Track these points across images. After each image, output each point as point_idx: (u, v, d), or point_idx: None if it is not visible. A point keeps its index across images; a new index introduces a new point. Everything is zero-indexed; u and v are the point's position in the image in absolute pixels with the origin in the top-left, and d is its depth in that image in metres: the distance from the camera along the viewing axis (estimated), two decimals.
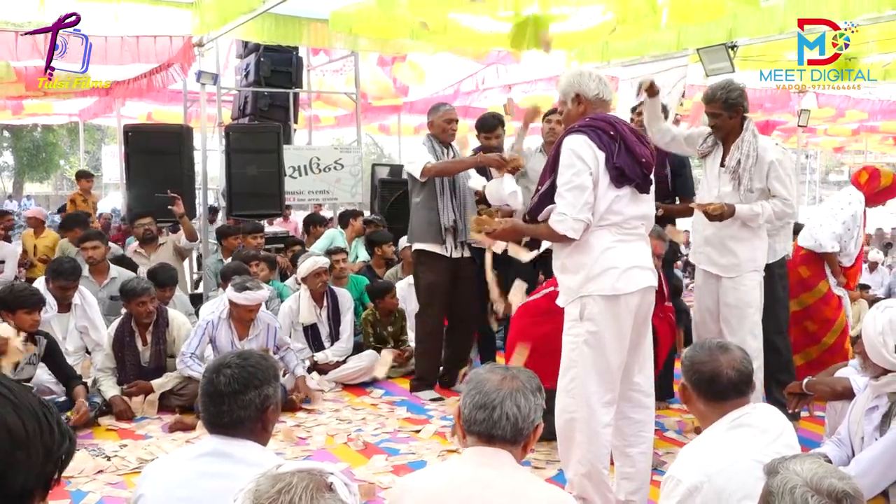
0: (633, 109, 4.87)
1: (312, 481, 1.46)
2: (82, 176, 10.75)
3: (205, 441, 2.19)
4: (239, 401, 2.11)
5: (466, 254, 5.31)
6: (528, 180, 5.05)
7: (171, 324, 5.22)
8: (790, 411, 3.71)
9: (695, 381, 2.37)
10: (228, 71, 10.44)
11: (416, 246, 5.34)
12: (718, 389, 2.35)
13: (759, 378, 4.02)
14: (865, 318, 2.97)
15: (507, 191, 4.75)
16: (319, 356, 5.68)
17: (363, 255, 7.68)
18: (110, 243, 6.90)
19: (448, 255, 5.23)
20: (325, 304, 5.83)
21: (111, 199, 23.12)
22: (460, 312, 5.40)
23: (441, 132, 5.28)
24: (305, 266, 5.73)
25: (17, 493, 1.19)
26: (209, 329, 5.02)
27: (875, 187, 5.06)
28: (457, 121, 5.36)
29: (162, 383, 5.04)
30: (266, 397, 2.16)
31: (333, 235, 7.74)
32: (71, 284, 5.30)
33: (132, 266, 6.60)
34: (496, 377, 2.04)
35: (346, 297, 6.01)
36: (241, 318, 5.01)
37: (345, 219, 8.15)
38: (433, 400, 5.27)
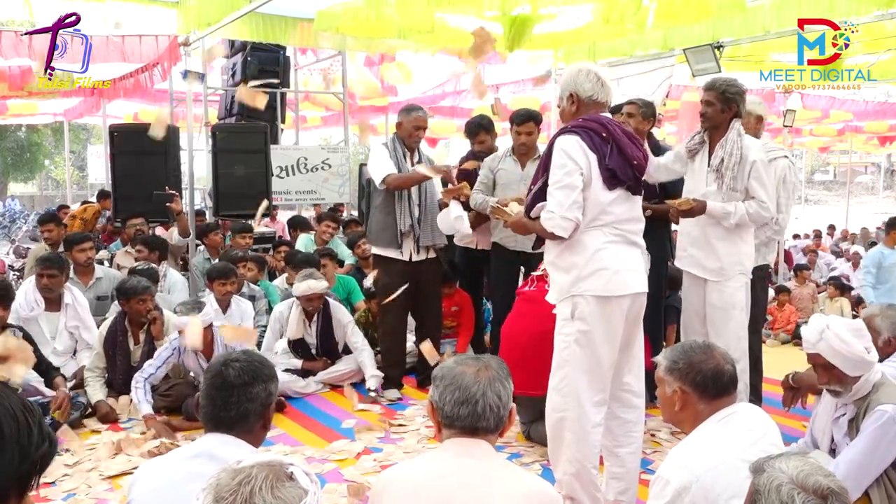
0: (618, 110, 4.83)
1: (272, 472, 1.49)
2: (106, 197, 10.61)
3: (199, 441, 2.19)
4: (248, 393, 2.16)
5: (429, 255, 5.36)
6: (503, 184, 5.08)
7: (166, 324, 5.18)
8: (786, 408, 3.74)
9: (698, 381, 2.36)
10: (215, 70, 10.38)
11: (373, 250, 5.43)
12: (721, 385, 2.37)
13: (744, 380, 4.04)
14: (827, 347, 2.86)
15: (452, 215, 4.94)
16: (372, 383, 5.47)
17: (347, 253, 7.64)
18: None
19: (405, 258, 5.27)
20: (315, 319, 5.67)
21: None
22: (425, 313, 5.45)
23: (408, 136, 5.27)
24: (300, 288, 5.45)
25: (35, 461, 1.20)
26: (174, 356, 4.88)
27: None
28: (425, 128, 5.33)
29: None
30: (269, 393, 2.22)
31: (306, 242, 7.68)
32: (45, 270, 5.24)
33: (163, 245, 6.57)
34: (471, 369, 2.05)
35: (339, 312, 5.76)
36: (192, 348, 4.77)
37: (318, 223, 8.02)
38: (392, 400, 5.31)
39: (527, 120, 5.16)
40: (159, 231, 7.95)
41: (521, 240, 4.90)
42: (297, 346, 5.66)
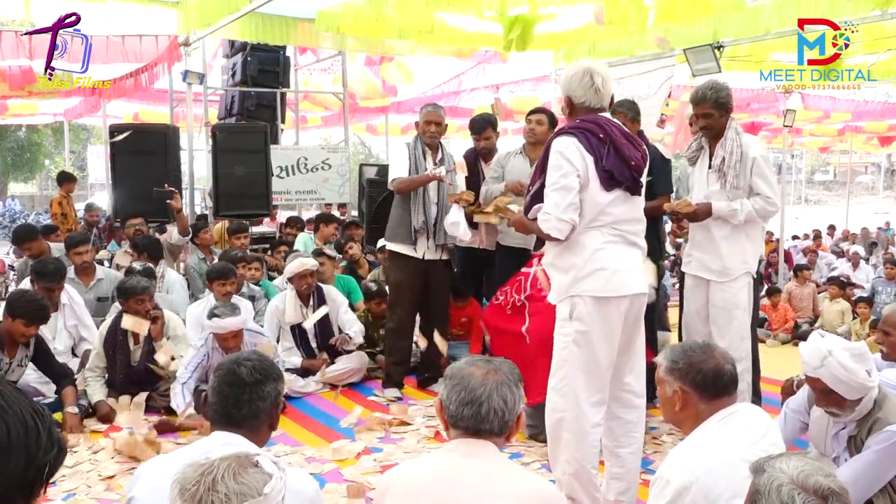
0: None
1: (235, 461, 1.52)
2: (69, 179, 10.62)
3: (204, 440, 2.20)
4: (259, 391, 2.18)
5: (443, 256, 5.37)
6: (509, 179, 5.09)
7: (167, 324, 5.17)
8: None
9: (698, 381, 2.36)
10: (215, 70, 10.39)
11: (388, 246, 5.48)
12: (722, 384, 2.36)
13: (746, 380, 4.03)
14: (827, 372, 2.79)
15: (449, 220, 5.00)
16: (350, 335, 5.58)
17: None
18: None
19: (419, 256, 5.29)
20: (311, 303, 5.72)
21: (98, 200, 22.95)
22: (432, 313, 5.45)
23: (422, 133, 5.32)
24: (292, 267, 5.62)
25: (42, 468, 1.19)
26: (205, 361, 4.81)
27: None
28: (437, 123, 5.33)
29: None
30: (278, 392, 2.25)
31: (305, 241, 7.70)
32: (56, 285, 5.24)
33: (155, 246, 6.57)
34: (479, 371, 2.04)
35: (333, 293, 5.86)
36: (221, 347, 4.72)
37: (316, 223, 8.05)
38: (392, 399, 5.31)
39: (537, 112, 5.24)
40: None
41: (518, 237, 4.94)
42: (298, 337, 5.68)
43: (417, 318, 5.59)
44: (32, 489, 1.21)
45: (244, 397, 2.16)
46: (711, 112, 4.08)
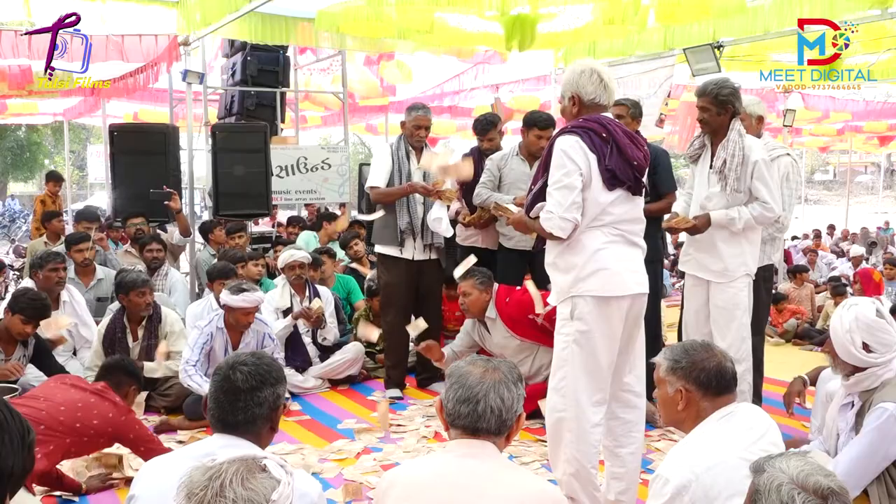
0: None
1: (243, 465, 1.51)
2: (56, 179, 10.60)
3: (205, 441, 2.19)
4: (255, 398, 2.14)
5: (431, 255, 5.37)
6: (510, 183, 5.09)
7: (164, 320, 5.18)
8: (788, 412, 3.71)
9: (702, 379, 2.36)
10: (215, 70, 10.39)
11: (376, 248, 5.50)
12: (724, 383, 2.37)
13: (747, 380, 4.03)
14: (833, 317, 2.99)
15: (431, 217, 5.03)
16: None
17: (340, 254, 7.67)
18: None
19: (407, 257, 5.29)
20: (307, 294, 5.77)
21: (98, 199, 22.96)
22: (425, 313, 5.45)
23: (409, 136, 5.29)
24: (283, 258, 5.79)
25: (6, 474, 1.23)
26: (210, 340, 4.83)
27: None
28: (427, 127, 5.30)
29: (152, 368, 4.96)
30: (278, 396, 2.21)
31: (307, 238, 7.71)
32: (59, 264, 5.29)
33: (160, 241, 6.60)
34: (478, 370, 2.05)
35: (325, 293, 5.94)
36: (238, 322, 4.79)
37: (319, 221, 8.07)
38: (392, 398, 5.31)
39: (550, 125, 5.14)
40: None
41: (521, 239, 4.94)
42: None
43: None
44: (27, 467, 1.28)
45: (239, 404, 2.13)
46: (709, 107, 4.05)
